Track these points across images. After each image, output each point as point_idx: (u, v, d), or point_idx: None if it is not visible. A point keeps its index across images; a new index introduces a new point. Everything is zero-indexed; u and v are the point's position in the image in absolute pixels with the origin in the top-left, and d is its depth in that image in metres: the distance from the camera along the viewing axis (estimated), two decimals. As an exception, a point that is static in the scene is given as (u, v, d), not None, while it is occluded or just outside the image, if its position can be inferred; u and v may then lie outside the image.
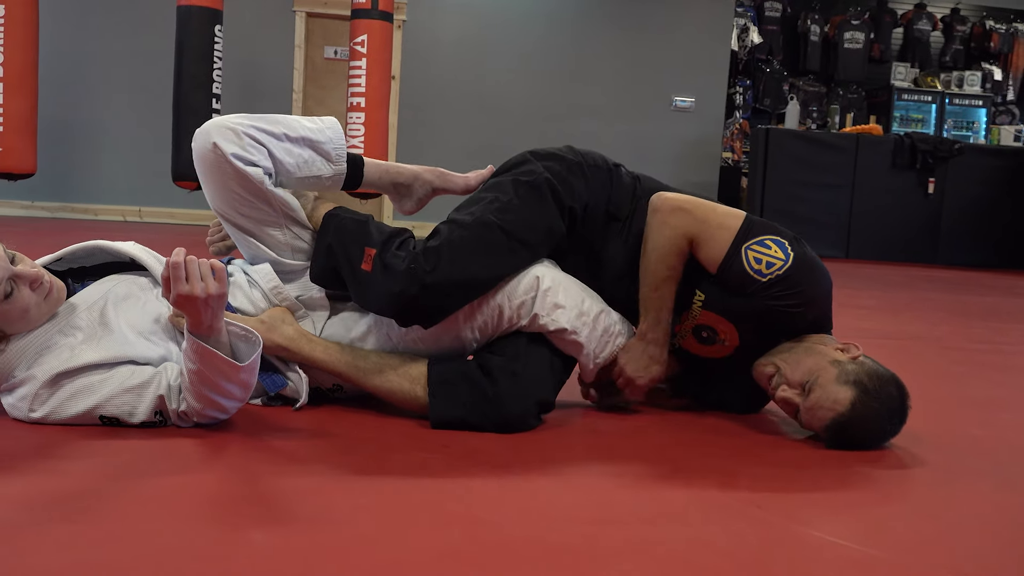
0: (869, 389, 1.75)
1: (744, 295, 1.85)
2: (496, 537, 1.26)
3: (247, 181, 1.80)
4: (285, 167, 1.87)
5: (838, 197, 8.54)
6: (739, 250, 1.84)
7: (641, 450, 1.77)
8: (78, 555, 1.12)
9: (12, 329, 1.63)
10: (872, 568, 1.23)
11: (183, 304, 1.57)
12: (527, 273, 1.88)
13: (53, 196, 7.93)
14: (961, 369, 3.01)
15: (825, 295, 1.91)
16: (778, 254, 1.83)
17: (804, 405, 1.80)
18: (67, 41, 7.81)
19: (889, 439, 1.84)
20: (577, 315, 1.88)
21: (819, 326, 1.92)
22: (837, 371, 1.78)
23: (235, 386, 1.64)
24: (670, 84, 9.09)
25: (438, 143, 8.71)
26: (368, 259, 1.80)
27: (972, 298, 5.59)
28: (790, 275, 1.82)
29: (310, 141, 1.90)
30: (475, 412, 1.78)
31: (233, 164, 1.77)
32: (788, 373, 1.82)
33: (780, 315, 1.85)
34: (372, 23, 6.76)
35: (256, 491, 1.40)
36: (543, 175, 1.92)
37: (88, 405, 1.63)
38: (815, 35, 10.32)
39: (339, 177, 1.96)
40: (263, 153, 1.82)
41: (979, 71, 10.64)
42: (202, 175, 1.85)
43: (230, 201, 1.85)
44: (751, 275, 1.82)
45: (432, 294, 1.77)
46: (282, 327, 1.84)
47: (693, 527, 1.35)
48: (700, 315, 1.94)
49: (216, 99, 6.56)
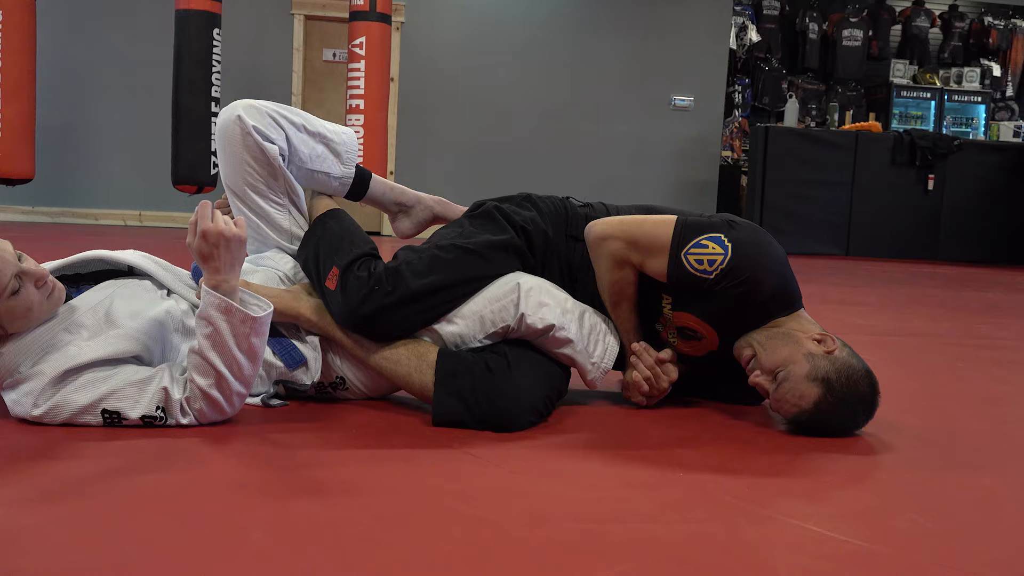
0: (835, 388, 1.80)
1: (700, 292, 1.89)
2: (497, 535, 1.26)
3: (262, 155, 1.92)
4: (299, 154, 1.99)
5: (838, 195, 8.55)
6: (678, 259, 1.88)
7: (641, 447, 1.77)
8: (79, 556, 1.12)
9: (14, 327, 1.64)
10: (873, 563, 1.23)
11: (205, 245, 1.65)
12: (507, 279, 1.93)
13: (54, 201, 7.95)
14: (961, 365, 3.01)
15: (777, 272, 1.91)
16: (716, 250, 1.86)
17: (773, 395, 1.85)
18: (66, 46, 7.83)
19: (852, 432, 1.90)
20: (562, 312, 1.90)
21: (786, 302, 1.94)
22: (809, 367, 1.81)
23: (245, 357, 1.67)
24: (669, 83, 9.10)
25: (437, 145, 8.72)
26: (332, 277, 1.88)
27: (972, 294, 5.59)
28: (734, 266, 1.85)
29: (325, 138, 2.04)
30: (475, 407, 1.79)
31: (253, 136, 1.90)
32: (763, 359, 1.86)
33: (739, 302, 1.88)
34: (370, 25, 6.78)
35: (256, 491, 1.40)
36: (491, 204, 2.05)
37: (93, 397, 1.64)
38: (813, 33, 10.33)
39: (347, 180, 2.08)
40: (281, 136, 1.95)
41: (978, 67, 10.65)
42: (221, 146, 1.96)
43: (243, 175, 1.94)
44: (698, 277, 1.87)
45: (392, 311, 1.85)
46: (307, 298, 1.92)
47: (693, 523, 1.35)
48: (674, 318, 1.98)
49: (215, 103, 6.57)
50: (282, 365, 1.87)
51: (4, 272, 1.57)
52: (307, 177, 2.03)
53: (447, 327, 1.91)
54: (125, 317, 1.73)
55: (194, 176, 6.54)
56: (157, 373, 1.70)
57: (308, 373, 1.90)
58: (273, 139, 1.93)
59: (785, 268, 1.94)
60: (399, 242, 6.35)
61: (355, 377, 1.95)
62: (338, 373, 1.95)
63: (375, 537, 1.23)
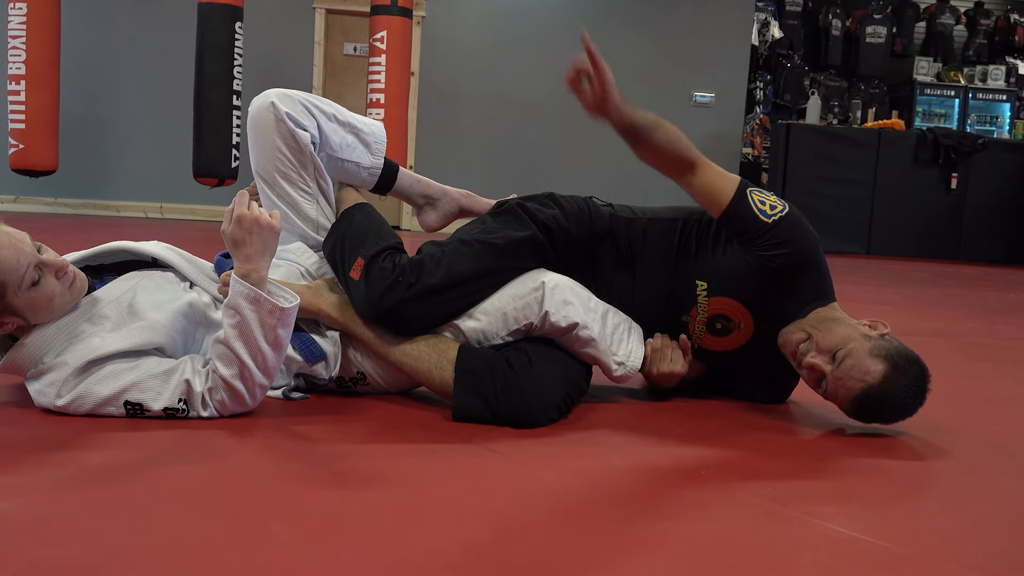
0: (899, 366, 1.78)
1: (739, 252, 1.92)
2: (516, 532, 1.26)
3: (294, 141, 1.93)
4: (330, 143, 2.00)
5: (860, 193, 8.49)
6: (743, 192, 1.92)
7: (663, 444, 1.76)
8: (102, 547, 1.12)
9: (36, 318, 1.65)
10: (897, 564, 1.22)
11: (239, 231, 1.67)
12: (530, 276, 1.93)
13: (75, 193, 8.00)
14: (984, 366, 2.98)
15: (819, 252, 1.95)
16: (776, 202, 1.93)
17: (833, 374, 1.81)
18: (89, 39, 7.87)
19: (908, 417, 1.86)
20: (586, 311, 1.90)
21: (823, 289, 1.95)
22: (870, 345, 1.80)
23: (270, 348, 1.68)
24: (690, 79, 9.06)
25: (457, 139, 8.72)
26: (357, 268, 1.88)
27: (995, 294, 5.54)
28: (789, 218, 1.90)
29: (355, 129, 2.05)
30: (494, 406, 1.79)
31: (285, 122, 1.91)
32: (819, 340, 1.84)
33: (780, 275, 1.89)
34: (391, 19, 6.78)
35: (277, 483, 1.40)
36: (514, 202, 2.06)
37: (116, 388, 1.65)
38: (836, 29, 10.26)
39: (375, 170, 2.09)
40: (313, 123, 1.96)
41: (1003, 65, 10.54)
42: (253, 133, 1.96)
43: (274, 161, 1.95)
44: (758, 216, 1.89)
45: (414, 304, 1.85)
46: (328, 294, 1.92)
47: (716, 522, 1.34)
48: (708, 305, 1.97)
49: (236, 96, 6.60)
50: (301, 359, 1.87)
51: (21, 263, 1.58)
52: (336, 167, 2.04)
53: (469, 323, 1.90)
54: (148, 309, 1.74)
55: (215, 169, 6.57)
56: (179, 365, 1.70)
57: (327, 368, 1.90)
58: (305, 126, 1.94)
59: (825, 262, 1.97)
60: (421, 237, 6.36)
61: (375, 372, 1.95)
62: (358, 368, 1.95)
63: (395, 530, 1.23)
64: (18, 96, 6.48)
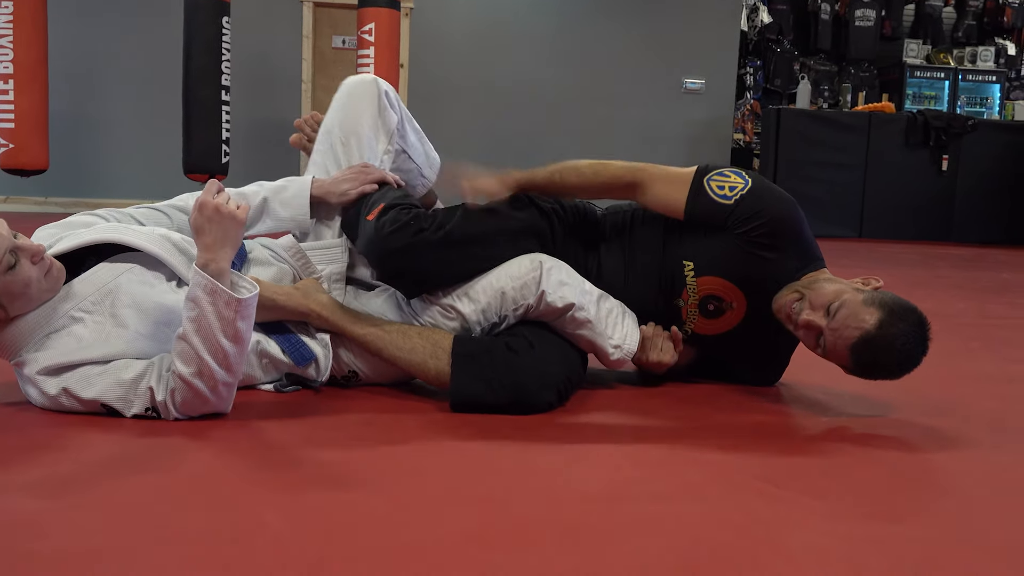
0: (895, 311, 1.74)
1: (721, 232, 1.91)
2: (512, 517, 1.26)
3: (383, 112, 2.14)
4: (407, 138, 2.23)
5: (851, 176, 8.49)
6: (700, 184, 1.93)
7: (655, 428, 1.77)
8: (96, 540, 1.13)
9: (13, 305, 1.63)
10: (888, 542, 1.23)
11: (199, 218, 1.62)
12: (527, 257, 1.93)
13: (66, 191, 7.98)
14: (976, 344, 2.99)
15: (797, 216, 1.93)
16: (737, 180, 1.93)
17: (829, 326, 1.77)
18: (76, 36, 7.83)
19: (913, 367, 1.79)
20: (581, 292, 1.91)
21: (810, 255, 1.95)
22: (863, 296, 1.78)
23: (229, 342, 1.60)
24: (680, 66, 9.05)
25: (447, 131, 8.68)
26: (375, 211, 1.92)
27: (986, 274, 5.56)
28: (753, 191, 1.90)
29: (425, 143, 2.31)
30: (494, 387, 1.79)
31: (385, 98, 2.14)
32: (812, 298, 1.82)
33: (761, 244, 1.89)
34: (379, 11, 6.76)
35: (271, 474, 1.41)
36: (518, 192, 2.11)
37: (91, 395, 1.64)
38: (825, 13, 10.24)
39: (427, 184, 2.33)
40: (397, 116, 2.18)
41: (992, 46, 10.53)
42: (344, 95, 2.16)
43: (353, 118, 2.13)
44: (719, 203, 1.90)
45: (418, 252, 1.87)
46: (317, 294, 1.91)
47: (708, 503, 1.35)
48: (698, 286, 1.97)
49: (225, 91, 6.58)
50: (291, 362, 1.86)
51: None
52: (402, 163, 2.22)
53: (469, 305, 1.90)
54: (132, 315, 1.70)
55: (205, 164, 6.56)
56: (146, 371, 1.66)
57: (318, 371, 1.89)
58: (395, 110, 2.17)
59: (806, 225, 1.96)
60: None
61: (368, 371, 1.95)
62: (350, 367, 1.95)
63: (389, 519, 1.24)
64: (6, 96, 6.44)
